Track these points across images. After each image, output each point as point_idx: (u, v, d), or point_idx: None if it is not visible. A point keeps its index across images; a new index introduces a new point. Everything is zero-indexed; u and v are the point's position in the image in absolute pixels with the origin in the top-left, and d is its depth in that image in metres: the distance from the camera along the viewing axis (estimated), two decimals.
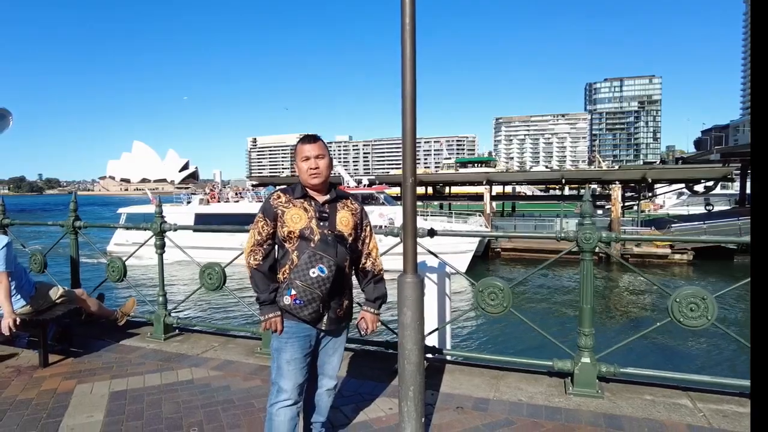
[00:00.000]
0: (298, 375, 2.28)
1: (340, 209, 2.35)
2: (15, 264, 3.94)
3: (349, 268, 2.37)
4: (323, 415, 2.53)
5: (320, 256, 2.14)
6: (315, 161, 2.30)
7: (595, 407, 3.11)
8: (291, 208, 2.30)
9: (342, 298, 2.34)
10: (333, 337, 2.42)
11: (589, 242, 3.25)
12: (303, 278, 2.14)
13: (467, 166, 72.63)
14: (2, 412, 3.11)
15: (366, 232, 2.46)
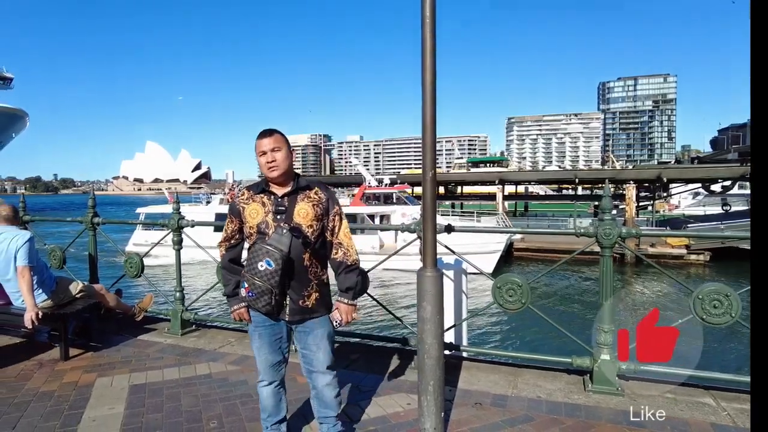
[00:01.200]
0: (267, 360, 2.41)
1: (299, 201, 2.35)
2: (37, 259, 4.01)
3: (317, 260, 2.37)
4: (332, 408, 2.49)
5: (266, 249, 2.17)
6: (271, 154, 2.31)
7: (616, 405, 3.07)
8: (250, 203, 2.37)
9: (306, 289, 2.33)
10: (311, 333, 2.39)
11: (609, 238, 3.22)
12: (252, 272, 2.19)
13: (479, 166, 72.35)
14: (26, 403, 3.16)
15: (334, 222, 2.41)
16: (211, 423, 2.90)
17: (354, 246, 2.46)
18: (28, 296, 3.73)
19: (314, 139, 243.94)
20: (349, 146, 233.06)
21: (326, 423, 2.52)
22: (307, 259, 2.31)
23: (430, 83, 2.51)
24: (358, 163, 29.84)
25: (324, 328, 2.41)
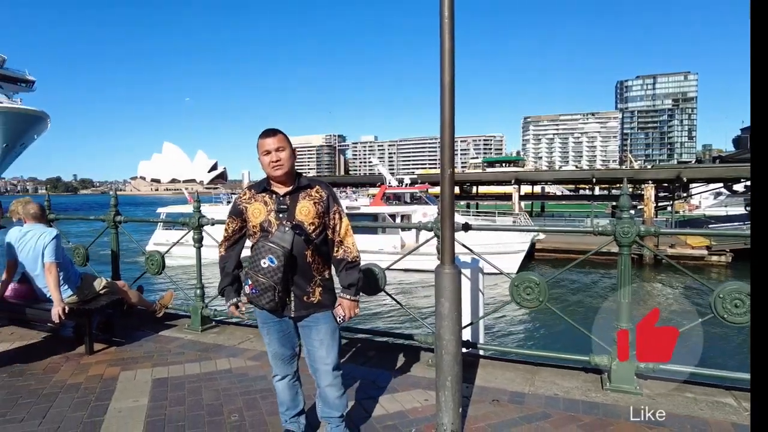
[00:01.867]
0: (278, 355, 2.50)
1: (301, 199, 2.37)
2: (63, 255, 4.12)
3: (319, 256, 2.40)
4: (336, 409, 2.50)
5: (269, 247, 2.21)
6: (276, 154, 2.34)
7: (634, 403, 3.05)
8: (253, 203, 2.40)
9: (310, 284, 2.37)
10: (314, 328, 2.41)
11: (628, 236, 3.20)
12: (255, 269, 2.23)
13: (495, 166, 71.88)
14: (54, 395, 3.26)
15: (335, 220, 2.43)
16: (232, 416, 2.96)
17: (355, 243, 2.49)
18: (55, 291, 3.83)
19: (329, 140, 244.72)
20: (363, 146, 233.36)
21: (330, 423, 2.55)
22: (310, 255, 2.35)
23: (448, 84, 2.53)
24: (378, 163, 29.90)
25: (328, 324, 2.43)
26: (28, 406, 3.10)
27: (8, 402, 3.17)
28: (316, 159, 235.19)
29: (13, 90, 54.22)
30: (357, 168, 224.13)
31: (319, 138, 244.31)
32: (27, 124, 44.86)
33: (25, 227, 4.05)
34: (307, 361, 2.50)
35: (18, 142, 45.11)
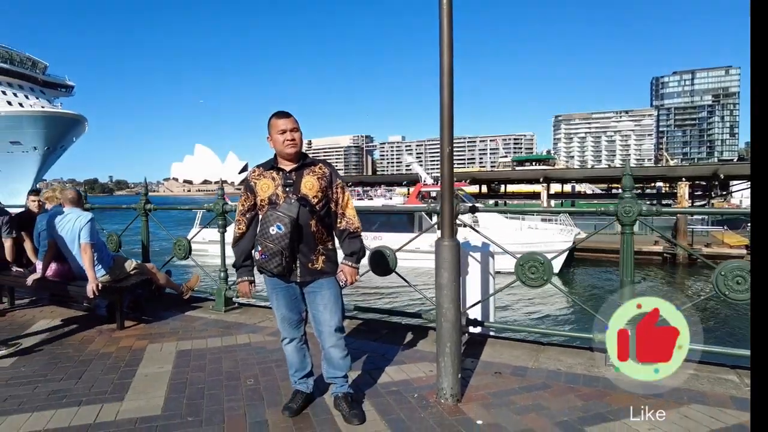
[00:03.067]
0: (286, 318, 2.68)
1: (305, 175, 2.56)
2: (97, 237, 4.43)
3: (323, 227, 2.59)
4: (340, 369, 2.70)
5: (278, 215, 2.41)
6: (291, 134, 2.54)
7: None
8: (261, 179, 2.60)
9: (314, 252, 2.56)
10: (318, 293, 2.60)
11: (629, 215, 3.27)
12: (264, 236, 2.43)
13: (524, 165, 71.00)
14: (89, 361, 3.57)
15: (338, 194, 2.62)
16: (248, 381, 3.18)
17: (356, 215, 2.68)
18: (90, 270, 4.15)
19: (356, 140, 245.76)
20: (391, 146, 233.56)
21: (335, 383, 2.74)
22: (314, 225, 2.54)
23: (447, 66, 2.67)
24: (414, 161, 30.00)
25: (332, 289, 2.62)
26: (66, 369, 3.41)
27: (49, 365, 3.50)
28: (344, 159, 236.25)
29: (54, 95, 56.76)
30: (385, 168, 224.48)
31: (347, 139, 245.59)
32: (66, 128, 46.73)
33: (64, 211, 4.38)
34: (312, 324, 2.69)
35: (58, 144, 47.07)
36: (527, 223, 20.59)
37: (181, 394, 2.98)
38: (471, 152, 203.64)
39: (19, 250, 5.06)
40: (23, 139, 43.44)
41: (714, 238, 23.15)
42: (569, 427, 2.53)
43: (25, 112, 44.93)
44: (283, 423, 2.63)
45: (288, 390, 2.89)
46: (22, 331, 4.29)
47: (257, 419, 2.67)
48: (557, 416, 2.64)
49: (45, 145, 44.72)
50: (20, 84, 52.01)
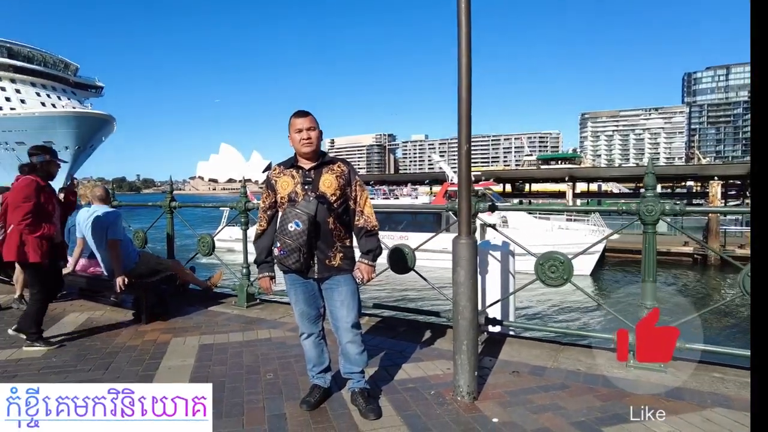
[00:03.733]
0: (304, 314, 2.73)
1: (324, 173, 2.61)
2: (124, 233, 4.57)
3: (341, 225, 2.64)
4: (357, 364, 2.74)
5: (296, 212, 2.46)
6: (307, 132, 2.59)
7: (657, 380, 3.08)
8: (282, 177, 2.66)
9: (332, 249, 2.61)
10: (335, 289, 2.65)
11: (652, 214, 3.21)
12: (283, 232, 2.48)
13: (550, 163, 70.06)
14: (115, 353, 3.70)
15: (356, 192, 2.68)
16: (267, 375, 3.24)
17: (373, 214, 2.72)
18: (117, 265, 4.28)
19: (379, 139, 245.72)
20: (414, 145, 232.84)
21: (352, 378, 2.78)
22: (332, 222, 2.58)
23: (465, 64, 2.67)
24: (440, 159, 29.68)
25: (348, 286, 2.67)
26: (93, 361, 3.54)
27: (78, 356, 3.64)
28: (366, 158, 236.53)
29: (84, 96, 58.68)
30: (407, 167, 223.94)
31: (369, 137, 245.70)
32: (96, 128, 48.20)
33: (92, 208, 4.53)
34: (330, 320, 2.73)
35: (88, 144, 48.58)
36: (557, 223, 20.20)
37: None
38: (495, 151, 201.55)
39: None
40: (56, 139, 44.87)
41: (748, 240, 22.40)
42: (587, 428, 2.51)
43: (58, 113, 46.47)
44: (301, 416, 2.67)
45: (306, 384, 2.94)
46: (53, 323, 4.45)
47: (276, 412, 2.72)
48: (574, 416, 2.61)
49: (76, 145, 46.16)
50: (53, 86, 53.88)
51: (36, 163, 3.85)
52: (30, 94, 51.19)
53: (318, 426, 2.57)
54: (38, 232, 3.75)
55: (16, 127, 44.57)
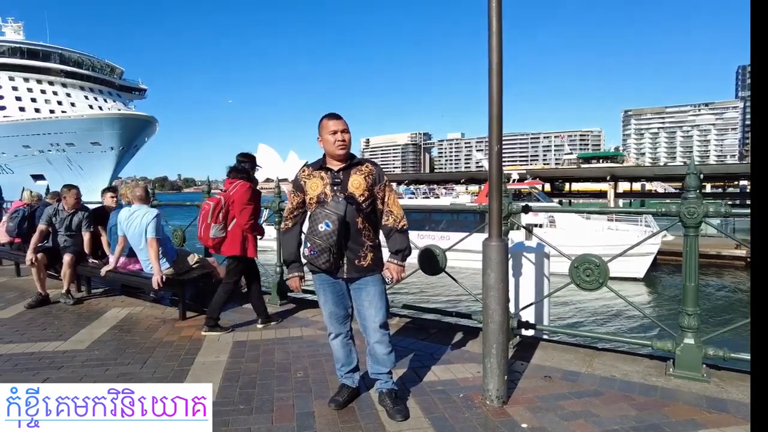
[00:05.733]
0: (333, 314, 2.74)
1: (353, 174, 2.62)
2: (163, 232, 4.72)
3: (369, 224, 2.64)
4: (384, 365, 2.73)
5: (326, 213, 2.48)
6: (342, 135, 2.60)
7: (698, 390, 2.94)
8: (311, 178, 2.67)
9: (362, 250, 2.61)
10: (364, 289, 2.65)
11: (694, 217, 3.07)
12: (313, 232, 2.49)
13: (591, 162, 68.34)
14: (153, 348, 3.83)
15: (384, 191, 2.68)
16: (298, 373, 3.28)
17: (402, 213, 2.72)
18: (155, 263, 4.42)
19: (414, 138, 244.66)
20: (450, 144, 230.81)
21: (380, 379, 2.77)
22: (360, 222, 2.59)
23: (496, 64, 2.63)
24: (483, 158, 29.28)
25: (377, 286, 2.67)
26: (132, 355, 3.67)
27: (118, 351, 3.79)
28: (401, 157, 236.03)
29: (128, 98, 61.14)
30: (443, 165, 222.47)
31: (404, 136, 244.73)
32: (139, 129, 49.97)
33: (132, 207, 4.70)
34: (358, 320, 2.74)
35: (132, 144, 50.41)
36: (606, 224, 19.59)
37: (235, 383, 3.12)
38: (534, 149, 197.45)
39: (95, 243, 5.49)
40: (101, 140, 46.83)
41: None
42: None
43: (104, 115, 48.43)
44: (329, 415, 2.69)
45: (335, 383, 2.96)
46: (96, 318, 4.65)
47: (304, 410, 2.76)
48: (608, 425, 2.53)
49: (120, 145, 47.97)
50: (100, 89, 56.37)
51: (248, 170, 4.37)
52: (79, 97, 53.76)
53: (345, 425, 2.59)
54: (257, 231, 4.34)
55: (67, 129, 46.73)
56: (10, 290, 6.02)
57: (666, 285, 18.17)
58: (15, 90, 51.15)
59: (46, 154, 48.13)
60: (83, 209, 5.59)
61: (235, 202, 4.16)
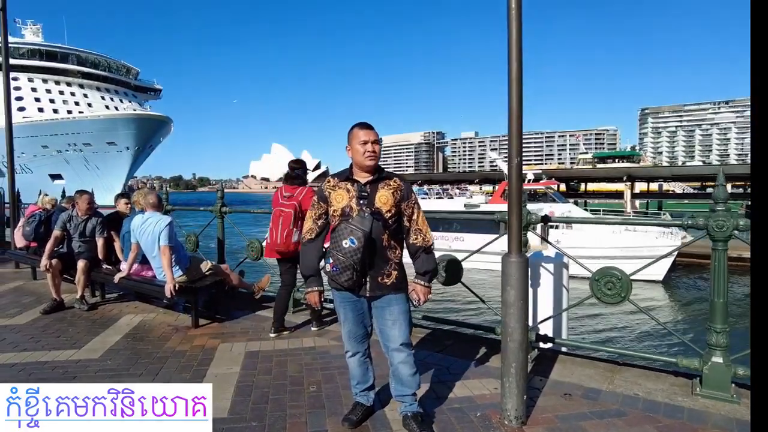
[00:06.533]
0: (351, 333, 2.64)
1: (380, 188, 2.51)
2: (176, 240, 4.69)
3: (395, 241, 2.55)
4: (409, 386, 2.62)
5: (351, 228, 2.37)
6: (372, 146, 2.50)
7: (727, 412, 2.82)
8: (336, 189, 2.56)
9: (386, 268, 2.51)
10: (387, 308, 2.55)
11: (722, 230, 2.94)
12: (336, 248, 2.38)
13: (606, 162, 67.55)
14: (165, 358, 3.80)
15: (412, 208, 2.57)
16: (311, 387, 3.22)
17: (430, 231, 2.62)
18: (168, 271, 4.40)
19: (427, 137, 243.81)
20: (463, 143, 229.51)
21: (404, 402, 2.67)
22: (386, 240, 2.50)
23: (516, 74, 2.53)
24: (498, 158, 28.76)
25: (400, 305, 2.56)
26: (144, 366, 3.65)
27: (131, 360, 3.78)
28: (414, 156, 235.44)
29: (144, 99, 62.01)
30: (456, 165, 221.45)
31: (418, 135, 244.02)
32: (155, 129, 50.50)
33: (145, 215, 4.68)
34: (380, 340, 2.63)
35: (147, 144, 50.96)
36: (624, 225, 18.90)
37: (247, 398, 3.07)
38: (549, 148, 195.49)
39: (109, 249, 5.50)
40: (117, 140, 47.44)
41: None
42: None
43: (120, 115, 49.06)
44: None
45: (349, 399, 2.89)
46: (110, 325, 4.65)
47: (317, 428, 2.69)
48: None
49: (136, 145, 48.53)
50: (116, 89, 57.20)
51: (303, 175, 4.47)
52: (96, 98, 54.60)
53: None
54: None
55: (84, 129, 47.41)
56: (26, 294, 6.07)
57: (686, 287, 17.85)
58: (34, 91, 52.05)
59: (64, 154, 48.88)
60: (97, 215, 5.61)
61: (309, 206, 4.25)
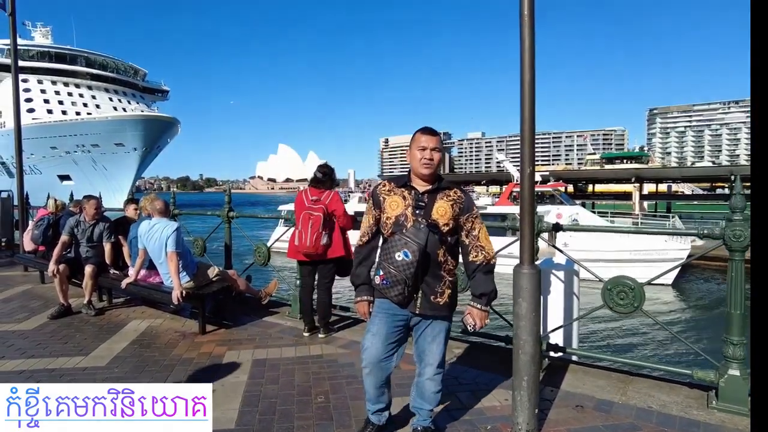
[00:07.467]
0: (379, 349, 2.41)
1: (439, 199, 2.37)
2: (183, 245, 4.68)
3: (451, 258, 2.40)
4: (429, 402, 2.55)
5: (405, 241, 2.23)
6: (431, 153, 2.35)
7: (745, 426, 2.75)
8: (392, 195, 2.42)
9: (439, 285, 2.36)
10: (431, 324, 2.43)
11: (740, 240, 2.88)
12: (388, 260, 2.25)
13: (614, 162, 67.14)
14: (172, 366, 3.77)
15: (473, 223, 2.41)
16: (319, 398, 3.18)
17: (493, 249, 2.46)
18: (175, 277, 4.38)
19: None
20: (470, 144, 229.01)
21: (419, 415, 2.61)
22: (441, 255, 2.35)
23: (528, 82, 2.48)
24: (505, 159, 28.48)
25: (444, 323, 2.46)
26: (151, 373, 3.62)
27: (138, 368, 3.76)
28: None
29: (151, 100, 62.33)
30: (463, 166, 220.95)
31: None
32: (162, 130, 50.69)
33: (153, 221, 4.67)
34: (414, 350, 2.54)
35: (154, 145, 51.17)
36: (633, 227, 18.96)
37: (254, 408, 3.04)
38: (556, 149, 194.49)
39: (116, 254, 5.50)
40: (125, 141, 47.66)
41: None
42: None
43: (128, 116, 49.30)
44: None
45: (357, 409, 2.86)
46: (117, 331, 4.64)
47: None
48: None
49: (143, 146, 48.74)
50: (124, 90, 57.54)
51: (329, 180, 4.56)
52: (104, 99, 54.93)
53: None
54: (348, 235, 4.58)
55: (92, 130, 47.69)
56: (34, 298, 6.08)
57: (696, 292, 17.64)
58: (43, 93, 52.40)
59: (72, 155, 49.17)
60: (104, 219, 5.61)
61: (337, 210, 4.42)
